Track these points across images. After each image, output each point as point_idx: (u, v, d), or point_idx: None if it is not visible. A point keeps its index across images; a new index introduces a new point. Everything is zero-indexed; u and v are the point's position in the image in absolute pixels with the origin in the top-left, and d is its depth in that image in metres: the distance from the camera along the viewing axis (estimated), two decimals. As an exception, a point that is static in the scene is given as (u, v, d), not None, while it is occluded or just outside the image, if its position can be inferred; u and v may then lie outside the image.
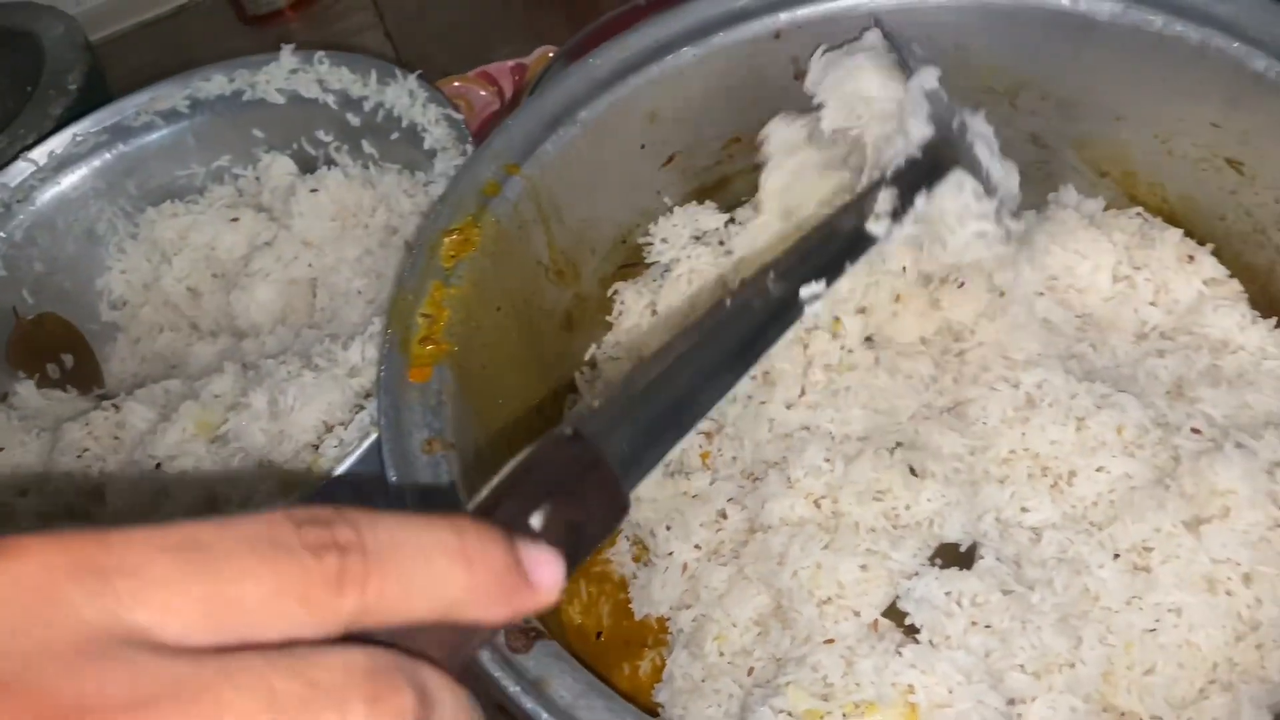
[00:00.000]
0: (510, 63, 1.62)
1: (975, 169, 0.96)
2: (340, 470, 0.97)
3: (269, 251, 1.31)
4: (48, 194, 1.37)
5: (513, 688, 0.70)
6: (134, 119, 1.38)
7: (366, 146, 1.33)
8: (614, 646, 1.02)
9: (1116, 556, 0.90)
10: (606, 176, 1.11)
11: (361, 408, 1.07)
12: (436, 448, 0.84)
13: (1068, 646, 0.86)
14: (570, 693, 0.70)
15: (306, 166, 1.40)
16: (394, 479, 0.81)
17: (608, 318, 1.18)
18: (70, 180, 1.38)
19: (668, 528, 1.02)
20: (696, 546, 1.00)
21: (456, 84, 1.59)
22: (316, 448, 1.07)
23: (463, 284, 0.95)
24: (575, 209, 1.09)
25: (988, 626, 0.86)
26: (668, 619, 1.01)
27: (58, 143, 1.38)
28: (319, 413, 1.08)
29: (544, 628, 0.74)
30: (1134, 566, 0.90)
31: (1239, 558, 0.87)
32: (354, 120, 1.32)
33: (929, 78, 0.96)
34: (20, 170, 1.37)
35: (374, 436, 0.96)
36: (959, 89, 1.15)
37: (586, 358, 1.17)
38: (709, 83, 1.11)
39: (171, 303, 1.37)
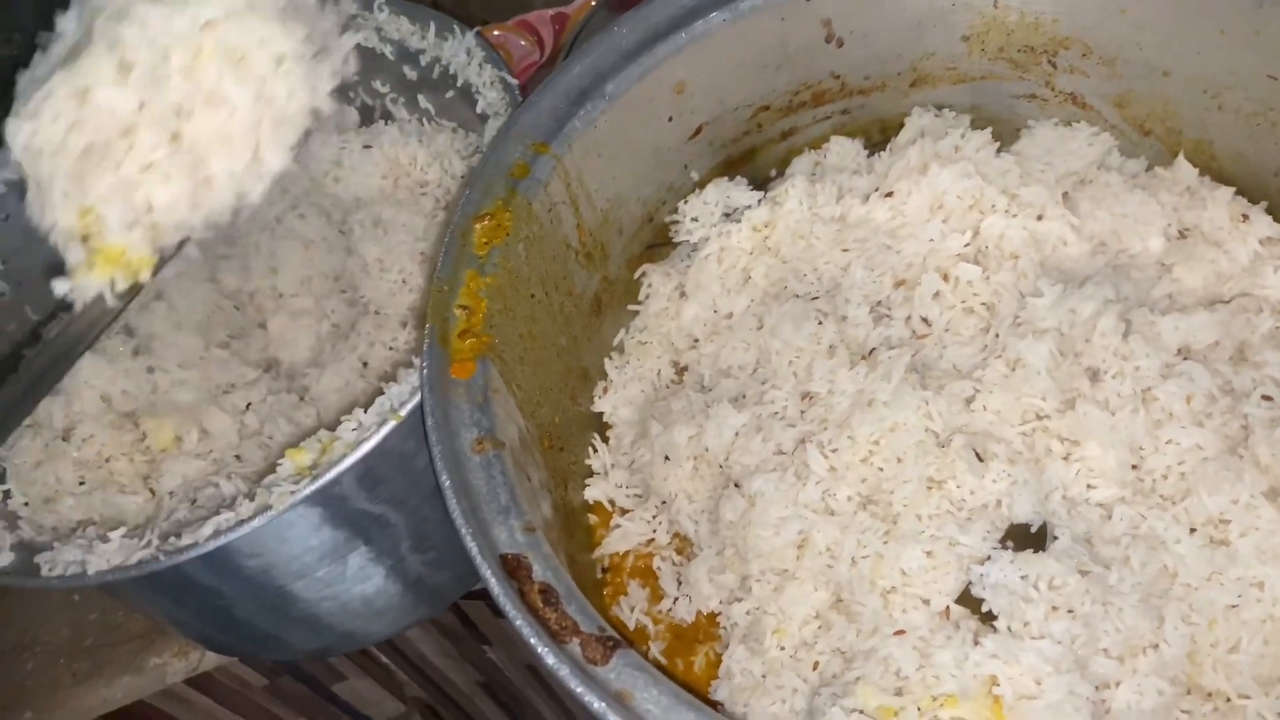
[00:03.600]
0: (550, 11, 1.53)
1: None
2: (355, 457, 0.93)
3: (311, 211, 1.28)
4: None
5: (596, 704, 0.65)
6: None
7: (423, 101, 1.29)
8: (666, 642, 0.98)
9: (1193, 531, 0.87)
10: (634, 151, 1.05)
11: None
12: (487, 447, 0.79)
13: (1151, 627, 0.82)
14: (657, 706, 0.65)
15: (364, 117, 1.36)
16: (446, 483, 0.76)
17: (630, 306, 1.13)
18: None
19: (710, 520, 0.98)
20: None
21: (496, 33, 1.50)
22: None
23: (498, 272, 0.90)
24: (604, 187, 1.03)
25: (1070, 611, 0.82)
26: (718, 613, 0.97)
27: None
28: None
29: (620, 636, 0.70)
30: (1212, 540, 0.86)
31: (1322, 528, 0.84)
32: (411, 74, 1.28)
33: None
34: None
35: (391, 424, 0.92)
36: (993, 48, 1.12)
37: (615, 342, 1.12)
38: (738, 49, 1.06)
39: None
